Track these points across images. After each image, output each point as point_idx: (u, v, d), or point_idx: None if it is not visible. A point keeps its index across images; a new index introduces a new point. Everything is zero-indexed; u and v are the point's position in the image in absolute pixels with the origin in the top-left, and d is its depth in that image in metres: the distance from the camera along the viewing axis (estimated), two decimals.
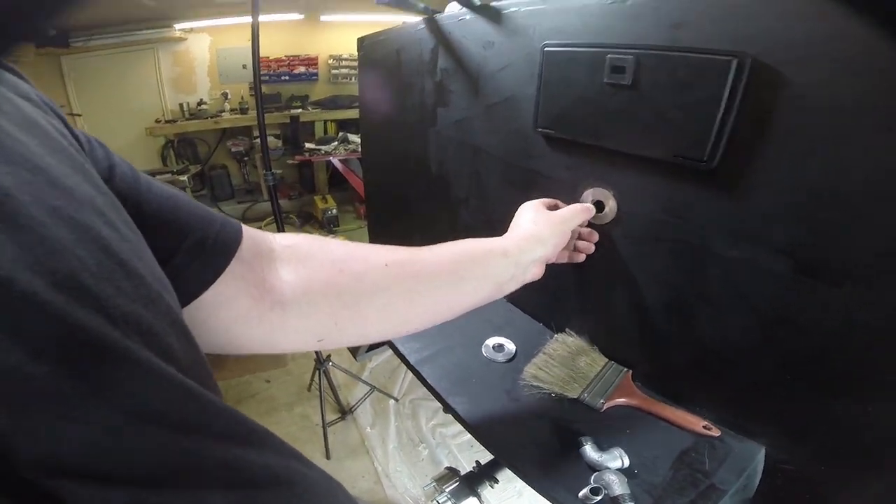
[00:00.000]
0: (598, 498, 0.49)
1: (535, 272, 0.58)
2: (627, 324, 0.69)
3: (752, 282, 0.53)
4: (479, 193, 0.88)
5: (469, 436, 0.70)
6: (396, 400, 2.09)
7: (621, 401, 0.64)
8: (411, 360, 0.74)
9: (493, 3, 0.72)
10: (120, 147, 3.87)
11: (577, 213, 0.62)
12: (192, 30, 4.02)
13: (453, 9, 0.83)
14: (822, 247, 0.47)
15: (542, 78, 0.66)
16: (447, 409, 0.66)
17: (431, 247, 0.49)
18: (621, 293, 0.68)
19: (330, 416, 1.95)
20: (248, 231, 0.38)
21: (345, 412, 2.01)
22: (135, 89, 4.00)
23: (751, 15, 0.46)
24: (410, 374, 1.35)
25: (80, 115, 3.73)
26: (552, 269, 0.77)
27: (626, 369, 0.69)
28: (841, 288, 0.46)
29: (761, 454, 0.56)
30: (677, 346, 0.64)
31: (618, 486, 0.50)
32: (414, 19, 0.93)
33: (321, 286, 0.40)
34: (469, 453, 1.80)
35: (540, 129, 0.70)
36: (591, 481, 0.51)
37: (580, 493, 0.50)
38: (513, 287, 0.56)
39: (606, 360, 0.71)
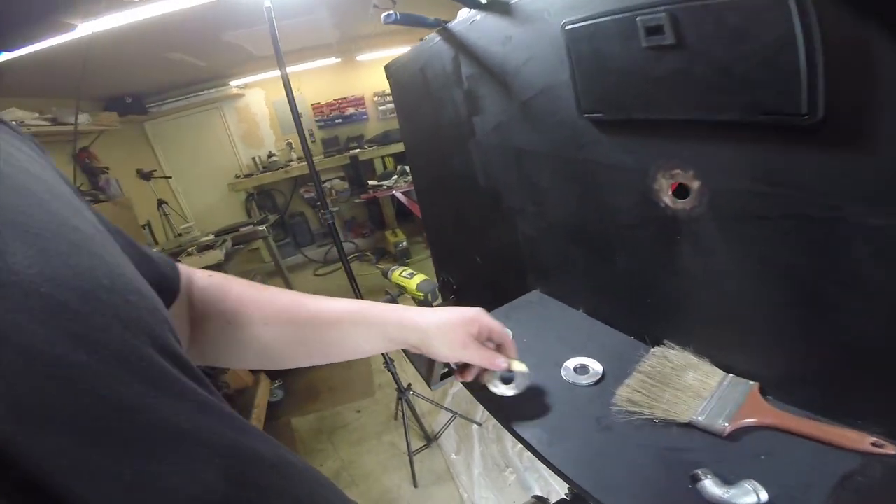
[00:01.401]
0: None
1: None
2: (745, 327, 0.56)
3: None
4: (535, 199, 0.80)
5: None
6: (480, 424, 2.03)
7: (750, 421, 0.51)
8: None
9: None
10: (213, 204, 4.35)
11: (481, 360, 0.52)
12: (246, 85, 4.39)
13: (464, 14, 0.78)
14: None
15: (573, 60, 0.58)
16: (522, 442, 0.56)
17: (322, 301, 0.50)
18: (730, 289, 0.56)
19: (416, 444, 1.94)
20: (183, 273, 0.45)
21: (430, 439, 2.01)
22: (211, 148, 4.40)
23: None
24: None
25: (170, 178, 4.16)
26: (638, 272, 0.67)
27: (751, 382, 0.55)
28: None
29: None
30: (819, 347, 0.50)
31: None
32: (430, 35, 0.90)
33: (209, 333, 0.46)
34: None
35: (587, 115, 0.61)
36: None
37: None
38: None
39: (723, 373, 0.58)
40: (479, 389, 0.61)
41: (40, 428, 0.20)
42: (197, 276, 0.47)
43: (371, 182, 4.15)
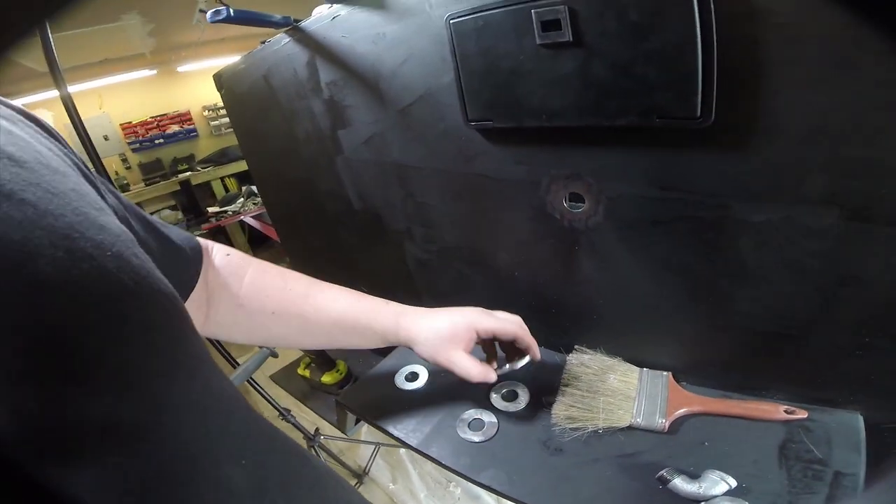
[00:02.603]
0: None
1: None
2: (650, 324, 0.57)
3: (795, 243, 0.43)
4: (422, 220, 0.71)
5: None
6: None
7: (682, 411, 0.54)
8: (413, 444, 0.59)
9: None
10: None
11: (468, 375, 0.53)
12: (25, 106, 3.41)
13: (322, 10, 0.66)
14: (870, 186, 0.38)
15: (458, 59, 0.51)
16: (481, 486, 0.53)
17: (328, 295, 0.53)
18: (632, 291, 0.56)
19: None
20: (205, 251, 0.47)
21: (360, 476, 1.84)
22: None
23: None
24: None
25: None
26: (540, 286, 0.65)
27: (665, 373, 0.58)
28: None
29: (861, 422, 0.47)
30: (719, 333, 0.53)
31: None
32: (275, 36, 0.75)
33: (220, 313, 0.49)
34: None
35: (473, 124, 0.55)
36: None
37: None
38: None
39: (638, 369, 0.59)
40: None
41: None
42: (215, 252, 0.49)
43: (212, 209, 3.58)
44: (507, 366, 0.56)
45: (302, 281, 0.53)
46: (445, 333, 0.52)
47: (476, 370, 0.52)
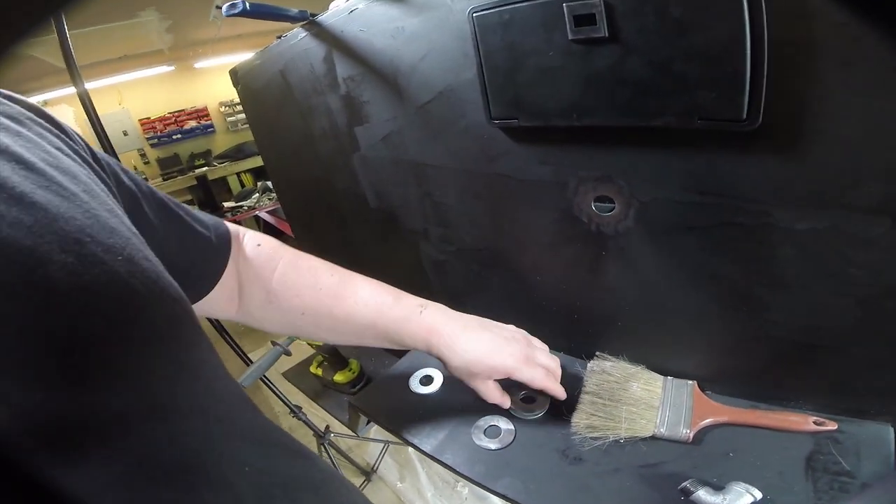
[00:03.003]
0: None
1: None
2: (677, 331, 0.55)
3: (839, 253, 0.41)
4: (439, 220, 0.69)
5: None
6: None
7: (708, 421, 0.52)
8: (426, 450, 0.57)
9: None
10: None
11: (488, 399, 0.55)
12: (46, 102, 3.44)
13: (339, 4, 0.64)
14: None
15: (482, 54, 0.49)
16: (497, 495, 0.52)
17: (360, 297, 0.51)
18: (659, 299, 0.54)
19: (356, 482, 1.74)
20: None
21: (368, 473, 1.84)
22: None
23: None
24: None
25: None
26: (563, 292, 0.62)
27: (690, 382, 0.56)
28: None
29: (892, 434, 0.45)
30: (750, 342, 0.50)
31: None
32: (292, 31, 0.74)
33: (252, 303, 0.49)
34: None
35: (496, 122, 0.53)
36: None
37: None
38: None
39: (661, 377, 0.57)
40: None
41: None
42: (246, 241, 0.48)
43: (228, 204, 3.61)
44: (523, 413, 0.57)
45: (334, 278, 0.51)
46: (482, 370, 0.51)
47: (497, 398, 0.54)
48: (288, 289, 0.49)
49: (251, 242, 0.49)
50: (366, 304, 0.51)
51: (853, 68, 0.33)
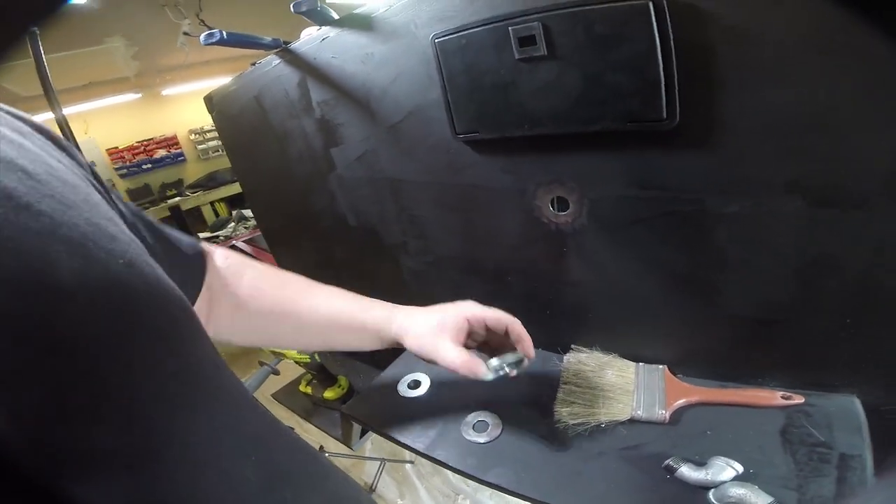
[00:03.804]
0: None
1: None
2: (642, 319, 0.60)
3: (767, 230, 0.46)
4: (416, 232, 0.73)
5: None
6: (412, 462, 1.91)
7: (681, 402, 0.55)
8: (419, 448, 0.60)
9: (357, 11, 0.59)
10: None
11: (460, 369, 0.49)
12: None
13: (310, 32, 0.68)
14: (828, 172, 0.41)
15: (444, 76, 0.54)
16: (489, 485, 0.55)
17: (324, 294, 0.53)
18: (622, 289, 0.59)
19: None
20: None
21: (368, 492, 1.81)
22: None
23: None
24: None
25: None
26: (533, 290, 0.67)
27: (660, 366, 0.60)
28: (863, 209, 0.41)
29: (858, 405, 0.49)
30: (710, 324, 0.55)
31: (755, 497, 0.42)
32: (266, 58, 0.77)
33: (220, 315, 0.48)
34: None
35: (461, 136, 0.57)
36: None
37: None
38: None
39: (633, 364, 0.62)
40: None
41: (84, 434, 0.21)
42: (216, 256, 0.49)
43: (203, 234, 3.55)
44: (497, 361, 0.49)
45: (299, 282, 0.53)
46: (434, 323, 0.51)
47: (461, 360, 0.48)
48: (254, 290, 0.50)
49: (221, 256, 0.50)
50: (329, 299, 0.53)
51: (746, 66, 0.39)
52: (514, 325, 0.52)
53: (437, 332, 0.50)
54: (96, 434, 0.21)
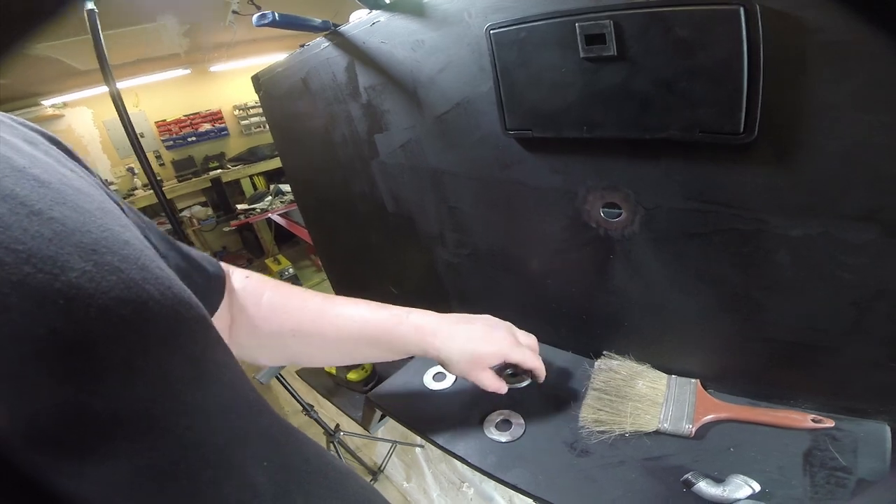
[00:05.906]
0: None
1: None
2: (681, 332, 0.58)
3: (832, 258, 0.43)
4: (455, 225, 0.73)
5: None
6: (422, 447, 1.94)
7: (710, 417, 0.54)
8: (440, 442, 0.60)
9: None
10: None
11: (488, 388, 0.55)
12: (65, 104, 3.57)
13: (360, 16, 0.68)
14: None
15: (498, 69, 0.52)
16: (507, 486, 0.54)
17: (346, 311, 0.53)
18: (664, 301, 0.56)
19: None
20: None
21: (375, 473, 1.88)
22: None
23: None
24: None
25: None
26: (572, 295, 0.65)
27: (693, 380, 0.58)
28: None
29: (888, 432, 0.47)
30: (749, 343, 0.53)
31: None
32: (314, 40, 0.77)
33: (241, 335, 0.49)
34: None
35: (511, 132, 0.56)
36: None
37: None
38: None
39: (666, 376, 0.60)
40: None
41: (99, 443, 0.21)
42: (235, 275, 0.49)
43: (240, 206, 3.67)
44: (514, 383, 0.62)
45: (318, 298, 0.53)
46: (478, 359, 0.53)
47: (494, 385, 0.55)
48: (274, 310, 0.50)
49: (239, 275, 0.50)
50: (352, 315, 0.53)
51: (841, 85, 0.36)
52: (537, 366, 0.56)
53: (481, 366, 0.54)
54: (109, 433, 0.21)
